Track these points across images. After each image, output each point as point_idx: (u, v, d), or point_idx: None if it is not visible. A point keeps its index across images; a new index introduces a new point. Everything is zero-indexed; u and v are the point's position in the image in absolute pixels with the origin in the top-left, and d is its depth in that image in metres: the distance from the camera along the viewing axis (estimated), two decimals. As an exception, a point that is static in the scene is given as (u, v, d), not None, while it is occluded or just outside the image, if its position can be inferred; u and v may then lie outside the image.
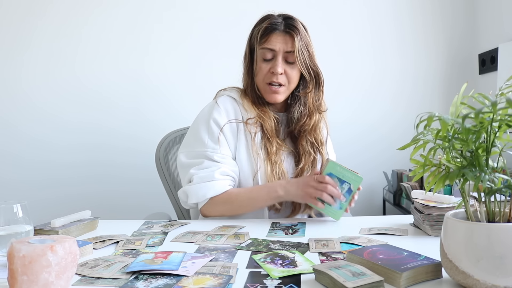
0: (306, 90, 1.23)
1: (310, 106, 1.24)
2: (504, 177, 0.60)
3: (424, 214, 0.96)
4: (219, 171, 1.15)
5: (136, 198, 2.20)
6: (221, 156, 1.18)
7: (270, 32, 1.17)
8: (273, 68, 1.17)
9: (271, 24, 1.17)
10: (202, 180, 1.15)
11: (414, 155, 0.66)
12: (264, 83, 1.20)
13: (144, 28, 2.22)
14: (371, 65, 2.29)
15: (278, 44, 1.16)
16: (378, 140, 2.29)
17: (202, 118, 1.24)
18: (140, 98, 2.24)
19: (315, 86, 1.24)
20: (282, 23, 1.17)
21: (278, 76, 1.17)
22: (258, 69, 1.20)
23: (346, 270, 0.65)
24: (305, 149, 1.23)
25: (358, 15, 2.28)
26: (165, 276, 0.70)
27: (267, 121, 1.21)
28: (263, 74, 1.19)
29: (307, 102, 1.24)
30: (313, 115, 1.24)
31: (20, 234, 0.81)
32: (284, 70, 1.18)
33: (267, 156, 1.19)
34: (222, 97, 1.26)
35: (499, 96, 0.61)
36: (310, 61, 1.20)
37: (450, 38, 2.29)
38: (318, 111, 1.26)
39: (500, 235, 0.57)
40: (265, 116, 1.21)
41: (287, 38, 1.16)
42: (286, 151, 1.25)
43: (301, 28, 1.18)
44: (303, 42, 1.17)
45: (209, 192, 1.14)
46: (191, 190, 1.15)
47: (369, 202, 2.34)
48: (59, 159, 2.22)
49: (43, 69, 2.21)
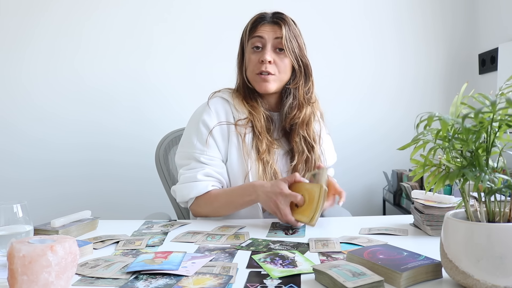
0: (295, 82, 1.24)
1: (300, 98, 1.24)
2: (504, 177, 0.60)
3: (424, 214, 0.96)
4: (203, 172, 1.17)
5: (136, 198, 2.20)
6: (208, 158, 1.19)
7: (259, 23, 1.20)
8: (261, 56, 1.18)
9: (260, 17, 1.21)
10: (186, 181, 1.18)
11: (414, 155, 0.66)
12: (254, 74, 1.21)
13: (145, 28, 2.23)
14: (372, 65, 2.29)
15: (266, 32, 1.19)
16: (378, 140, 2.29)
17: (193, 120, 1.26)
18: (141, 97, 2.24)
19: (304, 77, 1.24)
20: (270, 15, 1.22)
21: (267, 65, 1.18)
22: (248, 61, 1.22)
23: (346, 270, 0.65)
24: (299, 146, 1.23)
25: (358, 15, 2.28)
26: (165, 276, 0.70)
27: (257, 117, 1.21)
28: (253, 64, 1.20)
29: (297, 94, 1.24)
30: (303, 107, 1.24)
31: (20, 234, 0.81)
32: (273, 60, 1.19)
33: (258, 156, 1.19)
34: (214, 99, 1.27)
35: (499, 96, 0.61)
36: (300, 51, 1.21)
37: (450, 38, 2.29)
38: (308, 103, 1.25)
39: (500, 235, 0.57)
40: (255, 112, 1.22)
41: (276, 28, 1.19)
42: (282, 151, 1.25)
43: (290, 20, 1.21)
44: (292, 32, 1.20)
45: (192, 193, 1.17)
46: (176, 190, 1.21)
47: (369, 202, 2.34)
48: (59, 158, 2.23)
49: (43, 68, 2.21)
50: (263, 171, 1.18)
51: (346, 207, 1.41)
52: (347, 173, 2.21)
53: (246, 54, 1.23)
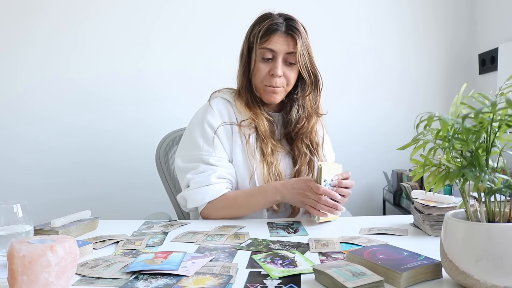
0: (304, 92, 1.23)
1: (309, 109, 1.24)
2: (504, 177, 0.60)
3: (424, 214, 0.96)
4: (215, 174, 1.15)
5: (136, 198, 2.19)
6: (217, 159, 1.17)
7: (272, 32, 1.15)
8: (272, 70, 1.16)
9: (272, 24, 1.16)
10: (199, 185, 1.15)
11: (414, 155, 0.66)
12: (263, 85, 1.19)
13: (140, 29, 2.21)
14: (373, 66, 2.29)
15: (279, 45, 1.15)
16: (378, 140, 2.29)
17: (196, 121, 1.23)
18: (137, 100, 2.22)
19: (313, 89, 1.23)
20: (283, 24, 1.16)
21: (277, 79, 1.17)
22: (257, 69, 1.19)
23: (346, 270, 0.65)
24: (301, 150, 1.23)
25: (360, 16, 2.28)
26: (165, 276, 0.70)
27: (261, 123, 1.20)
28: (262, 75, 1.18)
29: (305, 105, 1.23)
30: (311, 118, 1.24)
31: (20, 234, 0.81)
32: (283, 73, 1.17)
33: (262, 157, 1.18)
34: (215, 99, 1.25)
35: (499, 96, 0.61)
36: (310, 63, 1.19)
37: (451, 38, 2.29)
38: (316, 114, 1.26)
39: (500, 235, 0.57)
40: (257, 119, 1.20)
41: (289, 40, 1.16)
42: (283, 152, 1.25)
43: (302, 30, 1.18)
44: (304, 44, 1.17)
45: (207, 197, 1.14)
46: (189, 195, 1.16)
47: (369, 202, 2.34)
48: (55, 161, 2.20)
49: (38, 71, 2.18)
50: (267, 172, 1.18)
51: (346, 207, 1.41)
52: (347, 173, 2.21)
53: (255, 61, 1.19)
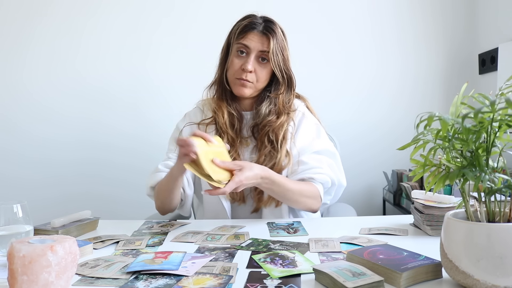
0: (277, 91, 1.27)
1: (280, 107, 1.26)
2: (504, 177, 0.60)
3: (424, 214, 0.96)
4: (164, 163, 1.24)
5: (136, 198, 2.19)
6: (175, 155, 1.24)
7: (249, 30, 1.22)
8: (244, 65, 1.21)
9: (250, 23, 1.22)
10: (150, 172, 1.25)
11: (414, 155, 0.66)
12: (234, 77, 1.24)
13: (145, 28, 2.22)
14: (372, 65, 2.29)
15: (253, 43, 1.21)
16: (378, 140, 2.29)
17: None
18: (142, 97, 2.24)
19: (286, 89, 1.28)
20: (262, 24, 1.23)
21: (247, 73, 1.21)
22: (231, 63, 1.24)
23: (346, 270, 0.65)
24: (263, 143, 1.24)
25: (360, 16, 2.28)
26: (165, 276, 0.70)
27: (220, 115, 1.25)
28: (235, 69, 1.23)
29: (277, 102, 1.27)
30: (281, 115, 1.26)
31: (20, 234, 0.81)
32: (254, 69, 1.21)
33: None
34: (190, 110, 1.37)
35: (499, 96, 0.61)
36: (284, 64, 1.24)
37: (450, 38, 2.29)
38: (286, 113, 1.28)
39: (500, 235, 0.57)
40: (218, 111, 1.26)
41: (264, 39, 1.21)
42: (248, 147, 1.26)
43: (279, 33, 1.23)
44: (279, 45, 1.22)
45: (150, 181, 1.22)
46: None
47: (369, 202, 2.34)
48: (60, 157, 2.23)
49: (45, 68, 2.21)
50: None
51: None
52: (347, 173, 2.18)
53: (230, 55, 1.26)
